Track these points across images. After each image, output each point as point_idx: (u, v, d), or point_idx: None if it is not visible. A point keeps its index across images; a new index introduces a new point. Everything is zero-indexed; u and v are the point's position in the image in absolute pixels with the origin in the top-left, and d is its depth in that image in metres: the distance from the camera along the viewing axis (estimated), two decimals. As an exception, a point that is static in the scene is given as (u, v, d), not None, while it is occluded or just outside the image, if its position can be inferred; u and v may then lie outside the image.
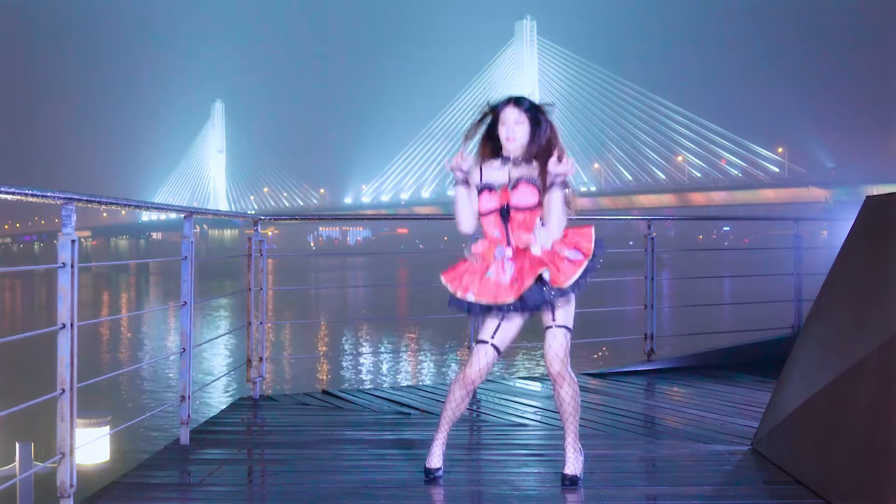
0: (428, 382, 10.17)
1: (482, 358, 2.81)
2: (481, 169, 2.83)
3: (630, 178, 69.86)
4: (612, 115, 70.41)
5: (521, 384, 4.92)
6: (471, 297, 2.75)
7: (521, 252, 2.75)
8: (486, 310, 2.76)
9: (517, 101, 2.78)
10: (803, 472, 2.88)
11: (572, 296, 2.74)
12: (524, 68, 73.06)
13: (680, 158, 68.72)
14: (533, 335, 3.07)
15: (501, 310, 2.73)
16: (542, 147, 2.75)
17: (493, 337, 2.80)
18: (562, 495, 2.81)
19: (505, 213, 2.75)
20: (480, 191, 2.79)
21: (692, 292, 29.26)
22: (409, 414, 4.09)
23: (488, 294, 2.73)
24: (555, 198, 2.70)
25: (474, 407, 4.27)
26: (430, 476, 2.94)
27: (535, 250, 2.73)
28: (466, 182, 2.80)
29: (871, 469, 2.54)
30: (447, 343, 20.13)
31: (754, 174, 65.56)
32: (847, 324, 3.02)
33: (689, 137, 67.60)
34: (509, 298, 2.69)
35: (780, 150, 66.30)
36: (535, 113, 2.77)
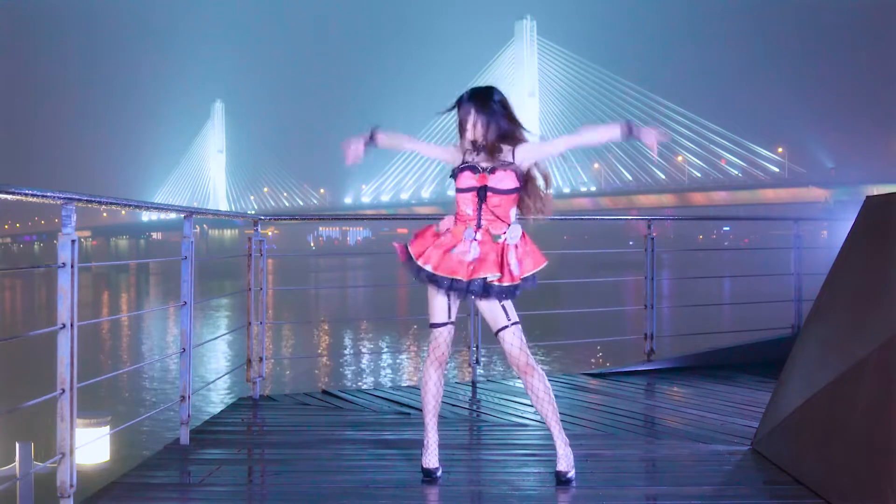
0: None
1: (447, 336, 2.98)
2: (465, 152, 2.94)
3: (630, 178, 69.84)
4: (612, 115, 70.21)
5: (520, 384, 4.90)
6: (428, 268, 2.86)
7: (489, 238, 2.86)
8: (433, 280, 2.86)
9: (460, 99, 2.94)
10: (803, 472, 2.89)
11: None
12: (524, 68, 73.01)
13: (680, 158, 68.67)
14: (532, 338, 3.09)
15: (451, 286, 2.84)
16: (502, 129, 2.88)
17: (449, 317, 2.96)
18: (562, 495, 2.81)
19: (482, 193, 2.85)
20: (463, 170, 2.90)
21: (692, 292, 29.25)
22: (409, 414, 4.09)
23: (446, 269, 2.85)
24: (603, 132, 2.85)
25: (474, 407, 4.28)
26: (429, 477, 2.95)
27: (499, 238, 2.85)
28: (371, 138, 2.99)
29: (871, 469, 2.54)
30: (447, 343, 20.07)
31: (754, 174, 65.52)
32: (847, 324, 3.02)
33: (689, 137, 67.56)
34: (463, 276, 2.83)
35: (780, 150, 66.27)
36: (480, 101, 2.90)
